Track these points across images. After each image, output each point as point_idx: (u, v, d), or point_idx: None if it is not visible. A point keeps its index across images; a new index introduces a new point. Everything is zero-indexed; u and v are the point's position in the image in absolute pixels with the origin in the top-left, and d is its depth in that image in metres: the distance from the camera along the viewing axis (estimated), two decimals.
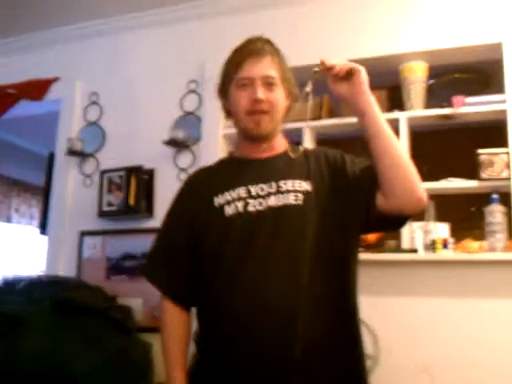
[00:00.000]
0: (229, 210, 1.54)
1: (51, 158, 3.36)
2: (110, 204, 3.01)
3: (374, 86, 1.49)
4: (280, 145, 1.67)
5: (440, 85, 3.26)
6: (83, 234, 3.12)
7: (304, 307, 1.45)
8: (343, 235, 1.53)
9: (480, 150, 2.49)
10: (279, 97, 1.60)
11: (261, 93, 1.55)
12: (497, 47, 2.55)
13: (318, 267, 1.49)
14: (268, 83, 1.57)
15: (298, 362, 1.43)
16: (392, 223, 1.55)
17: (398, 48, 2.69)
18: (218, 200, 1.57)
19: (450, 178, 2.55)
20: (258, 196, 1.55)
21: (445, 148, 3.19)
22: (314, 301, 1.47)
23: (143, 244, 2.96)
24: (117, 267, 3.02)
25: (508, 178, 2.43)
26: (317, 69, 1.52)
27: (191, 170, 2.96)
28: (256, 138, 1.61)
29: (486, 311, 2.41)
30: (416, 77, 2.67)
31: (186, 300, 1.63)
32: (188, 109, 3.06)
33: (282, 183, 1.56)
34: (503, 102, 2.51)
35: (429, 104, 2.69)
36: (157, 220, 2.99)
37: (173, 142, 2.96)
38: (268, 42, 1.63)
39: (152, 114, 3.13)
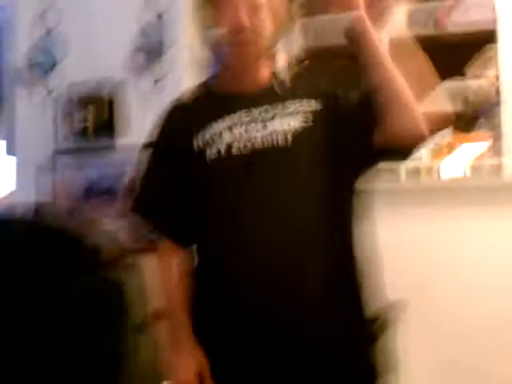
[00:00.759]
0: (210, 155, 1.37)
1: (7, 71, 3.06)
2: (82, 120, 2.78)
3: None
4: (264, 75, 1.45)
5: None
6: (56, 152, 2.91)
7: (304, 249, 1.35)
8: (339, 173, 1.38)
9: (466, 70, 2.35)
10: (265, 20, 1.35)
11: (244, 17, 1.32)
12: None
13: (314, 207, 1.37)
14: (252, 3, 1.33)
15: (308, 299, 1.35)
16: (391, 158, 1.42)
17: None
18: (197, 142, 1.39)
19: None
20: (242, 138, 1.37)
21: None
22: (313, 241, 1.36)
23: (121, 162, 2.79)
24: (95, 188, 2.84)
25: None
26: None
27: (167, 80, 2.73)
28: (237, 71, 1.41)
29: (481, 230, 2.37)
30: None
31: (183, 237, 1.50)
32: (158, 9, 2.75)
33: (268, 123, 1.38)
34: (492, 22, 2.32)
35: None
36: (133, 135, 2.79)
37: (143, 49, 2.69)
38: None
39: (115, 18, 2.80)
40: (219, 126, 1.38)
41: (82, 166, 2.86)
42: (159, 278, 1.51)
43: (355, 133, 1.35)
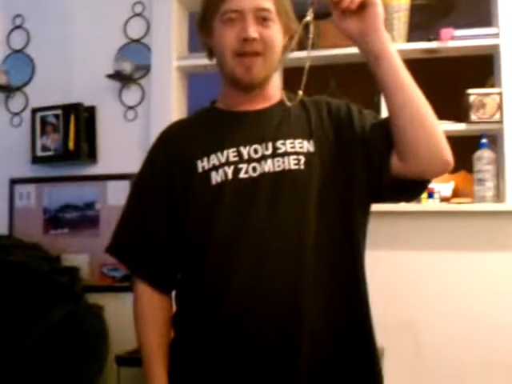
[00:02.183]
0: (216, 177, 1.25)
1: None
2: (44, 148, 2.60)
3: None
4: (275, 93, 1.36)
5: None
6: (13, 182, 2.71)
7: (309, 291, 1.22)
8: (351, 204, 1.27)
9: (470, 90, 2.26)
10: (275, 34, 1.28)
11: (252, 30, 1.24)
12: None
13: (323, 242, 1.24)
14: (262, 17, 1.25)
15: (303, 352, 1.20)
16: (409, 190, 1.29)
17: None
18: (202, 164, 1.27)
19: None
20: (251, 159, 1.26)
21: (429, 83, 2.95)
22: (320, 280, 1.23)
23: (86, 193, 2.63)
24: (56, 220, 2.64)
25: (500, 121, 2.22)
26: None
27: (140, 108, 2.61)
28: (246, 86, 1.30)
29: (473, 264, 2.26)
30: (399, 4, 2.36)
31: (165, 282, 1.36)
32: (134, 35, 2.64)
33: (279, 143, 1.27)
34: (495, 35, 2.27)
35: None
36: (100, 165, 2.64)
37: (117, 75, 2.56)
38: None
39: (91, 42, 2.68)
40: (228, 149, 1.26)
41: (44, 195, 2.67)
42: (136, 324, 1.34)
43: (368, 160, 1.24)
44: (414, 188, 1.28)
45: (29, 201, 2.68)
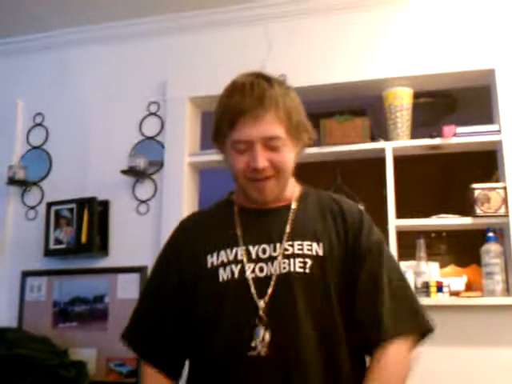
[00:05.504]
0: (223, 275, 1.28)
1: None
2: (58, 241, 2.64)
3: (356, 113, 1.26)
4: (289, 194, 1.37)
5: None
6: (25, 274, 2.73)
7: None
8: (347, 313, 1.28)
9: (475, 185, 2.31)
10: (286, 156, 1.28)
11: (261, 160, 1.25)
12: (489, 73, 2.40)
13: (321, 341, 1.24)
14: (271, 145, 1.26)
15: None
16: None
17: (382, 73, 2.50)
18: (212, 260, 1.31)
19: (441, 215, 2.35)
20: (259, 259, 1.28)
21: (435, 176, 3.00)
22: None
23: (96, 286, 2.64)
24: (65, 313, 2.64)
25: (506, 215, 2.25)
26: None
27: (152, 202, 2.67)
28: (260, 204, 1.33)
29: (484, 360, 2.21)
30: (402, 104, 2.46)
31: (173, 369, 1.37)
32: (148, 133, 2.75)
33: (287, 244, 1.29)
34: (497, 132, 2.34)
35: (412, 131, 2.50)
36: (112, 259, 2.66)
37: (131, 171, 2.64)
38: (268, 81, 1.28)
39: (106, 139, 2.80)
40: (237, 247, 1.30)
41: (54, 288, 2.68)
42: None
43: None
44: None
45: (39, 293, 2.70)
